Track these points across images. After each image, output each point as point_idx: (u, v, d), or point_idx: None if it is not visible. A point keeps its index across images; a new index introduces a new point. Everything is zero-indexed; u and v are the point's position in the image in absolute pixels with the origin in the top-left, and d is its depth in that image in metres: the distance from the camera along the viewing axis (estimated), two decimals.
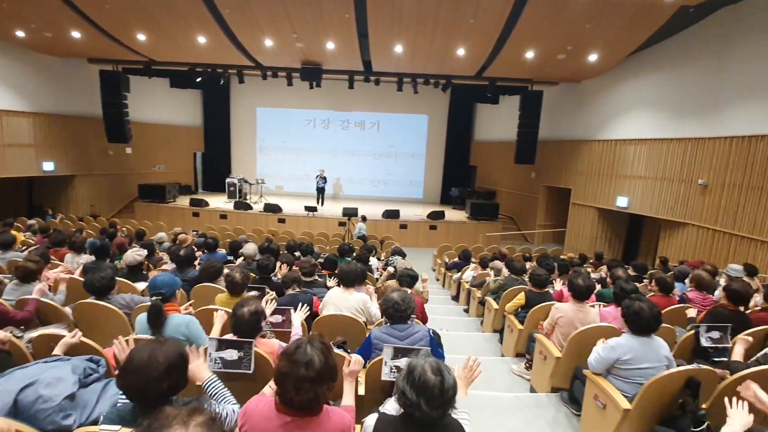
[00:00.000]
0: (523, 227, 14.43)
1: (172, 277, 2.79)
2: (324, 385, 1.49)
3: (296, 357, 1.49)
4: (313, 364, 1.47)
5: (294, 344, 1.56)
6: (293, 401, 1.47)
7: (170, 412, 0.85)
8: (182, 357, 1.53)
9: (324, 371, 1.48)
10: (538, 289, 4.25)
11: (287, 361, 1.50)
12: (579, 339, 3.14)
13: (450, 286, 8.03)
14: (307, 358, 1.48)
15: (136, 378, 1.41)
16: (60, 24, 9.56)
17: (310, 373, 1.46)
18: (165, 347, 1.49)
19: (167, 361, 1.44)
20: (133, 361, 1.43)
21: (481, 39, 9.38)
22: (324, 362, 1.50)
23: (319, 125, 16.75)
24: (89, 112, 12.67)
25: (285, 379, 1.47)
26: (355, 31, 9.31)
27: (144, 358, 1.42)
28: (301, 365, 1.46)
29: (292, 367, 1.47)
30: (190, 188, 16.10)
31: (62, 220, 10.41)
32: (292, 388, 1.46)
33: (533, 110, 11.65)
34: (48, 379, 1.62)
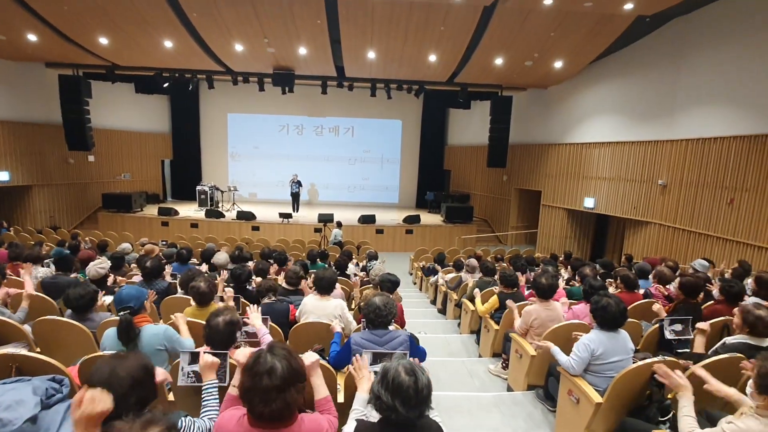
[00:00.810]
0: (496, 229, 14.74)
1: (138, 289, 2.69)
2: (291, 389, 1.44)
3: (257, 368, 1.43)
4: (275, 371, 1.42)
5: (253, 356, 1.51)
6: (263, 414, 1.42)
7: (122, 426, 0.81)
8: (146, 369, 1.48)
9: (288, 376, 1.44)
10: (508, 289, 4.34)
11: (248, 374, 1.45)
12: (552, 337, 3.22)
13: (427, 290, 8.09)
14: (267, 366, 1.43)
15: None
16: (14, 26, 9.08)
17: (274, 381, 1.41)
18: (126, 362, 1.44)
19: (130, 375, 1.39)
20: (93, 381, 1.36)
21: (452, 46, 9.58)
22: (287, 367, 1.45)
23: (293, 131, 16.59)
24: (47, 119, 12.07)
25: (250, 393, 1.43)
26: (327, 37, 9.31)
27: (105, 376, 1.37)
28: (263, 375, 1.41)
29: (255, 379, 1.42)
30: (158, 197, 15.55)
31: (19, 233, 9.83)
32: (259, 402, 1.41)
33: (503, 115, 11.98)
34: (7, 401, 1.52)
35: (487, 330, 4.43)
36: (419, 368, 1.53)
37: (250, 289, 4.05)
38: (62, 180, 13.00)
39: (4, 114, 11.24)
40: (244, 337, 2.63)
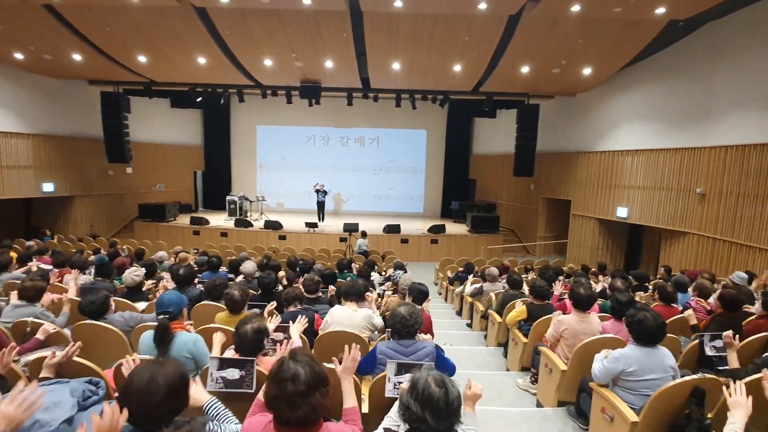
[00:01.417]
0: (524, 239, 14.42)
1: (179, 296, 2.77)
2: (316, 393, 1.46)
3: (281, 375, 1.46)
4: (298, 377, 1.44)
5: (276, 364, 1.53)
6: (290, 420, 1.43)
7: None
8: (182, 378, 1.51)
9: (312, 381, 1.45)
10: (539, 301, 4.21)
11: (273, 382, 1.47)
12: (584, 350, 3.10)
13: (453, 300, 7.97)
14: (291, 373, 1.45)
15: (136, 402, 1.38)
16: (60, 46, 9.72)
17: (298, 387, 1.43)
18: (165, 369, 1.46)
19: (168, 383, 1.42)
20: (132, 385, 1.40)
21: (477, 56, 9.55)
22: (310, 372, 1.47)
23: (319, 142, 16.89)
24: (89, 133, 12.78)
25: (276, 401, 1.45)
26: (353, 50, 9.48)
27: (144, 382, 1.40)
28: (287, 382, 1.44)
29: (279, 386, 1.44)
30: (190, 207, 16.13)
31: (61, 241, 10.39)
32: (285, 408, 1.42)
33: (530, 123, 11.79)
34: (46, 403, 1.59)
35: (515, 343, 4.30)
36: (449, 380, 1.50)
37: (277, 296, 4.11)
38: (102, 191, 13.70)
39: (50, 129, 12.01)
40: (270, 345, 2.66)
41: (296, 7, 7.77)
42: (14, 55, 10.23)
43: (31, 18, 8.37)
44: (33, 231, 12.77)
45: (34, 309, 3.23)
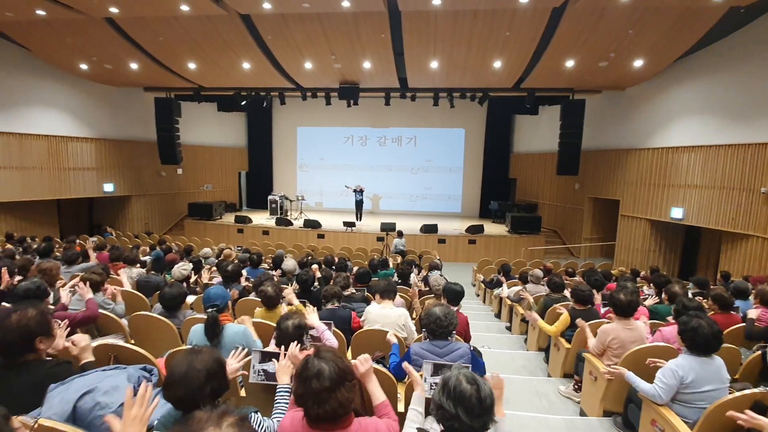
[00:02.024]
0: (567, 241, 13.85)
1: (224, 290, 2.91)
2: (341, 388, 1.48)
3: (306, 373, 1.50)
4: (322, 373, 1.47)
5: (301, 363, 1.57)
6: (318, 416, 1.47)
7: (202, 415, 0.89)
8: (219, 362, 1.58)
9: (336, 376, 1.48)
10: (581, 306, 4.03)
11: (299, 380, 1.51)
12: (633, 359, 2.93)
13: (491, 302, 7.81)
14: (315, 370, 1.49)
15: (179, 388, 1.47)
16: (119, 56, 10.47)
17: (323, 383, 1.46)
18: (201, 356, 1.55)
19: (205, 368, 1.50)
20: (174, 373, 1.49)
21: (518, 51, 9.28)
22: (334, 368, 1.50)
23: (357, 142, 17.08)
24: (144, 137, 13.68)
25: (303, 398, 1.49)
26: (391, 50, 9.51)
27: (183, 369, 1.48)
28: (312, 379, 1.47)
29: (305, 384, 1.48)
30: (235, 206, 16.84)
31: (119, 238, 11.18)
32: (312, 404, 1.46)
33: (575, 120, 11.29)
34: (105, 387, 1.72)
35: (558, 348, 4.15)
36: (480, 378, 1.49)
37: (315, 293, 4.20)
38: (155, 191, 14.61)
39: (110, 133, 12.99)
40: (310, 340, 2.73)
41: (335, 10, 7.91)
42: (80, 66, 11.14)
43: (95, 31, 9.08)
44: (95, 228, 13.86)
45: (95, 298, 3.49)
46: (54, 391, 1.67)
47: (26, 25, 9.07)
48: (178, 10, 7.96)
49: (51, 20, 8.64)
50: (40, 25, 8.94)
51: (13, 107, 10.69)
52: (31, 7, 7.96)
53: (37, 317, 1.82)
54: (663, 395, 2.41)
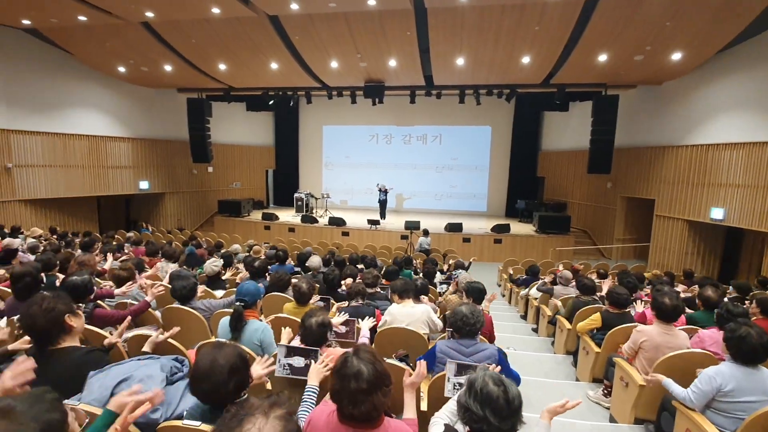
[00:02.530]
0: (598, 241, 13.41)
1: (256, 287, 2.98)
2: (378, 392, 1.47)
3: (344, 371, 1.50)
4: (361, 374, 1.47)
5: (341, 359, 1.57)
6: (353, 415, 1.47)
7: (254, 402, 0.92)
8: (241, 358, 1.62)
9: (374, 379, 1.47)
10: (616, 309, 3.89)
11: (337, 377, 1.52)
12: (668, 365, 2.81)
13: (517, 303, 7.66)
14: (354, 370, 1.48)
15: (204, 383, 1.52)
16: (154, 59, 10.88)
17: (361, 384, 1.45)
18: (224, 350, 1.59)
19: (228, 363, 1.54)
20: (199, 369, 1.54)
21: (548, 45, 9.04)
22: (373, 370, 1.49)
23: (382, 140, 17.11)
24: (177, 136, 14.18)
25: (339, 395, 1.49)
26: (416, 48, 9.46)
27: (207, 365, 1.53)
28: (351, 378, 1.47)
29: (343, 382, 1.48)
30: (262, 203, 17.22)
31: (154, 233, 11.65)
32: (348, 403, 1.46)
33: (608, 116, 10.89)
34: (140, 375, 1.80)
35: (587, 352, 4.02)
36: (507, 379, 1.47)
37: (341, 292, 4.24)
38: (188, 188, 15.13)
39: (145, 133, 13.54)
40: (333, 337, 2.76)
41: (361, 9, 7.93)
42: (118, 69, 11.66)
43: (132, 35, 9.47)
44: (132, 223, 14.50)
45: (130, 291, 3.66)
46: (93, 377, 1.76)
47: (69, 30, 9.57)
48: (210, 12, 8.20)
49: (92, 25, 9.07)
50: (81, 30, 9.41)
51: (58, 109, 11.31)
52: (73, 13, 8.38)
53: (57, 299, 1.91)
54: (694, 400, 2.32)
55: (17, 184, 10.61)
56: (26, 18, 9.06)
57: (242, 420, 0.86)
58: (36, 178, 10.99)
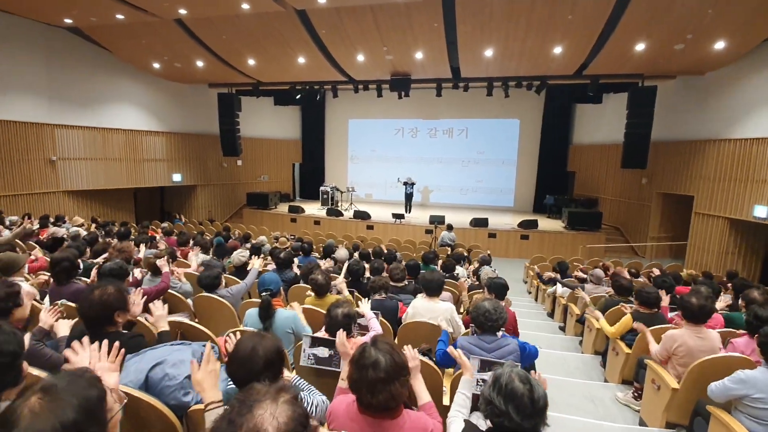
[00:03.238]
0: (631, 239, 12.93)
1: (276, 276, 3.06)
2: (396, 382, 1.50)
3: (362, 361, 1.52)
4: (379, 364, 1.49)
5: (358, 350, 1.59)
6: (371, 404, 1.50)
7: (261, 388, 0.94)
8: (279, 352, 1.65)
9: (392, 369, 1.50)
10: (646, 309, 3.75)
11: (355, 367, 1.54)
12: (702, 369, 2.70)
13: (544, 301, 7.51)
14: (372, 360, 1.51)
15: (240, 369, 1.56)
16: (187, 55, 11.20)
17: (379, 374, 1.48)
18: (264, 342, 1.61)
19: (266, 355, 1.57)
20: (238, 354, 1.58)
21: (581, 35, 8.72)
22: (390, 361, 1.51)
23: (407, 134, 17.03)
24: (208, 130, 14.59)
25: (358, 384, 1.52)
26: (443, 40, 9.33)
27: (247, 352, 1.57)
28: (368, 368, 1.49)
29: (361, 372, 1.51)
30: (289, 196, 17.53)
31: (186, 224, 12.07)
32: (366, 392, 1.49)
33: (645, 108, 10.41)
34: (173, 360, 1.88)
35: (616, 353, 3.91)
36: (534, 379, 1.45)
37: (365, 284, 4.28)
38: (218, 181, 15.58)
39: (179, 127, 14.00)
40: (357, 329, 2.79)
41: (388, 1, 7.89)
42: (153, 65, 12.07)
43: (166, 32, 9.78)
44: (166, 214, 15.08)
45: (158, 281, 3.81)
46: (130, 361, 1.85)
47: (108, 28, 9.97)
48: (239, 8, 8.35)
49: (129, 23, 9.42)
50: (119, 28, 9.78)
51: (97, 104, 11.84)
52: (111, 11, 8.72)
53: (116, 293, 2.02)
54: (716, 391, 2.32)
55: (61, 175, 11.21)
56: (68, 17, 9.50)
57: (252, 406, 0.89)
58: (78, 170, 11.58)
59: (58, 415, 0.90)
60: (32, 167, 10.57)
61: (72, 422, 0.90)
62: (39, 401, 0.91)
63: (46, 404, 0.91)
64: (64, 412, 0.91)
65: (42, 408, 0.90)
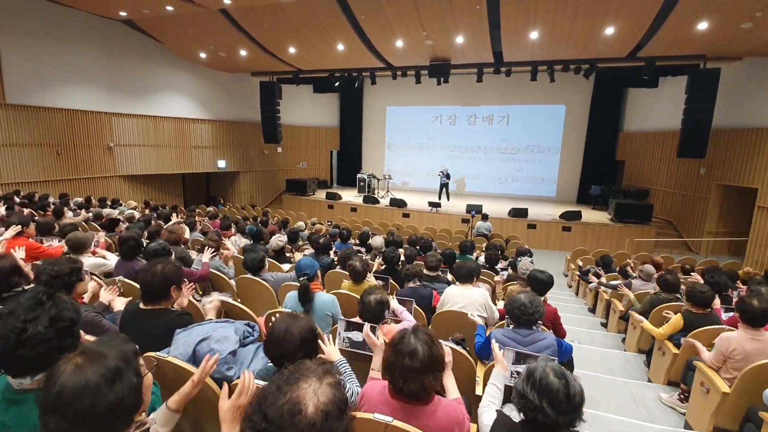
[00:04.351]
0: (685, 233, 12.12)
1: (312, 261, 3.14)
2: (430, 375, 1.50)
3: (400, 347, 1.53)
4: (416, 354, 1.50)
5: (399, 335, 1.60)
6: (402, 390, 1.51)
7: (310, 365, 1.00)
8: (312, 331, 1.72)
9: (428, 361, 1.50)
10: (698, 309, 3.53)
11: (393, 351, 1.55)
12: (756, 374, 2.52)
13: (585, 295, 7.25)
14: (410, 348, 1.52)
15: (277, 347, 1.64)
16: (231, 45, 11.53)
17: (414, 363, 1.48)
18: (298, 322, 1.69)
19: (300, 334, 1.64)
20: (274, 334, 1.66)
21: (636, 14, 8.13)
22: (428, 353, 1.51)
23: (446, 121, 16.73)
24: (250, 118, 15.04)
25: (392, 368, 1.53)
26: (486, 23, 9.02)
27: (282, 331, 1.65)
28: (406, 355, 1.50)
29: (398, 357, 1.52)
30: (326, 183, 17.82)
31: (229, 208, 12.61)
32: (399, 378, 1.51)
33: (706, 93, 9.61)
34: (218, 336, 1.99)
35: (662, 353, 3.72)
36: (570, 374, 1.42)
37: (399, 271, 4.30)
38: (259, 167, 16.09)
39: (223, 115, 14.53)
40: (390, 316, 2.83)
41: None
42: (200, 55, 12.54)
43: (212, 22, 10.10)
44: (211, 199, 15.81)
45: (213, 262, 4.02)
46: (180, 335, 1.98)
47: (158, 20, 10.44)
48: None
49: (177, 14, 9.81)
50: (168, 19, 10.22)
51: (149, 93, 12.50)
52: (162, 3, 9.11)
53: (175, 269, 2.21)
54: None
55: (117, 161, 12.00)
56: (123, 10, 10.03)
57: (299, 379, 0.95)
58: (132, 156, 12.34)
59: (102, 363, 1.01)
60: (93, 153, 11.38)
61: (115, 368, 1.01)
62: (81, 357, 1.02)
63: (88, 358, 1.01)
64: (106, 360, 1.02)
65: (85, 361, 1.01)
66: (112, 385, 0.99)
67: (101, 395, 0.97)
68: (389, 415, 1.53)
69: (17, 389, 1.24)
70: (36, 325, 1.23)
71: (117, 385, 1.00)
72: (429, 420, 1.53)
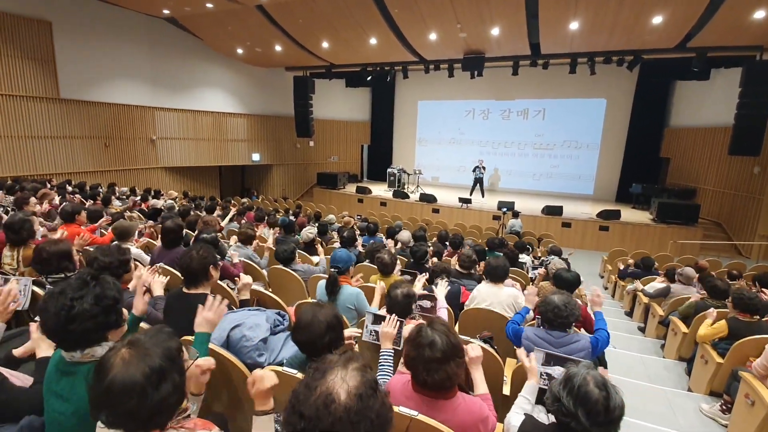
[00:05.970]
0: (735, 236, 11.36)
1: (348, 254, 3.17)
2: (452, 362, 1.52)
3: (419, 340, 1.56)
4: (435, 344, 1.53)
5: (415, 330, 1.63)
6: (426, 382, 1.53)
7: (333, 358, 1.02)
8: (337, 318, 1.77)
9: (448, 349, 1.52)
10: (745, 316, 3.31)
11: (412, 346, 1.57)
12: None
13: (623, 298, 6.96)
14: (429, 339, 1.54)
15: (304, 334, 1.69)
16: (267, 40, 11.76)
17: (435, 353, 1.51)
18: (323, 310, 1.75)
19: (326, 321, 1.70)
20: (301, 321, 1.72)
21: (687, 2, 7.64)
22: (446, 341, 1.54)
23: (478, 116, 16.40)
24: (284, 112, 15.34)
25: (414, 362, 1.55)
26: (523, 13, 8.74)
27: (308, 318, 1.70)
28: (425, 347, 1.53)
29: (418, 350, 1.54)
30: (357, 177, 17.95)
31: (263, 200, 12.95)
32: (422, 370, 1.52)
33: (762, 86, 8.92)
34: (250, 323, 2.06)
35: (705, 361, 3.52)
36: (612, 386, 1.35)
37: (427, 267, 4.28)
38: (292, 161, 16.42)
39: (258, 109, 14.90)
40: (418, 310, 2.82)
41: None
42: (237, 50, 12.88)
43: (249, 19, 10.34)
44: (245, 191, 16.29)
45: (247, 251, 4.16)
46: None
47: (198, 17, 10.80)
48: None
49: (216, 11, 10.10)
50: (208, 16, 10.54)
51: (189, 88, 12.99)
52: (203, 1, 9.42)
53: (208, 249, 2.35)
54: None
55: (159, 153, 12.57)
56: (166, 8, 10.44)
57: (325, 372, 0.97)
58: (173, 148, 12.89)
59: (147, 362, 1.05)
60: (137, 145, 11.98)
61: (158, 367, 1.06)
62: (128, 351, 1.07)
63: (135, 353, 1.07)
64: (151, 359, 1.06)
65: (131, 356, 1.06)
66: (157, 386, 1.04)
67: (147, 397, 1.02)
68: (415, 407, 1.54)
69: (69, 362, 1.36)
70: (82, 302, 1.34)
71: (162, 386, 1.05)
72: (451, 415, 1.53)
